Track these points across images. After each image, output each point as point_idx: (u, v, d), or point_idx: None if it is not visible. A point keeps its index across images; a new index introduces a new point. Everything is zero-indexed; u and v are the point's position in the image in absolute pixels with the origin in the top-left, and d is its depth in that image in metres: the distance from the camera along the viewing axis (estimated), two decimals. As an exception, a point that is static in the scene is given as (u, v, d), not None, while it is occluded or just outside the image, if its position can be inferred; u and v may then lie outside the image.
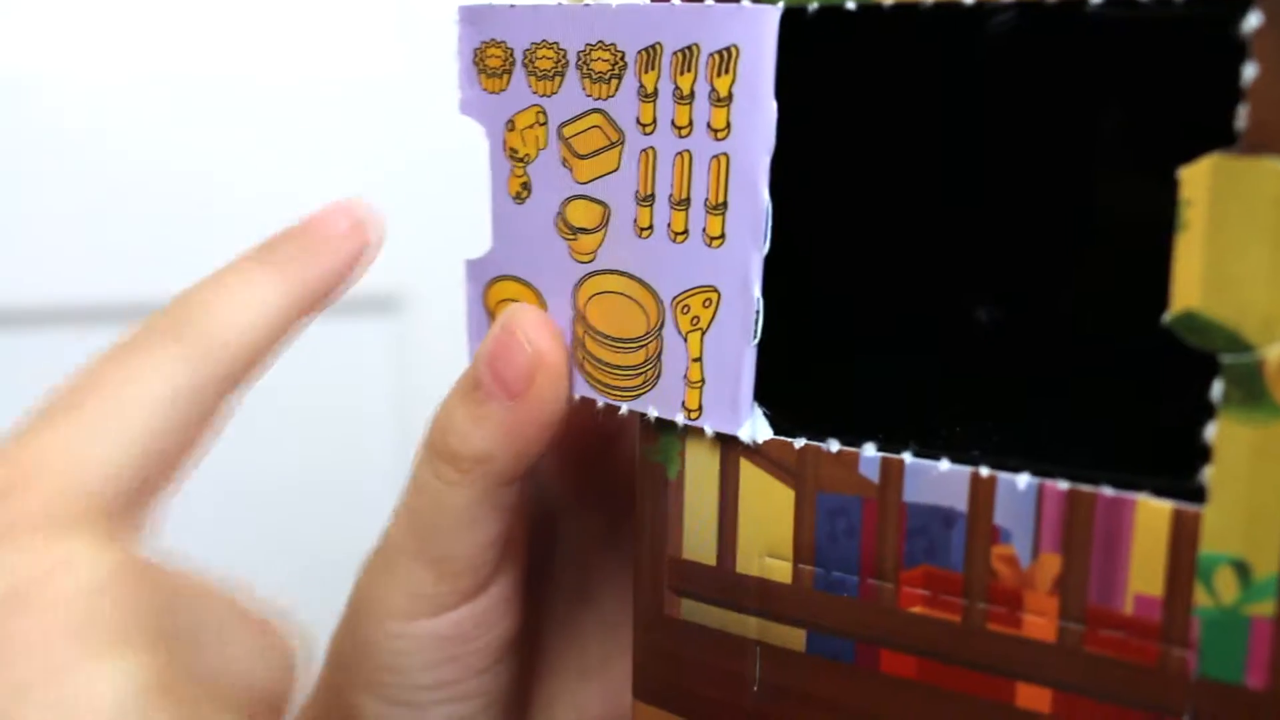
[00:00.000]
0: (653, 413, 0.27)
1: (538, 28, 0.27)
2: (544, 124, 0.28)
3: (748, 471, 0.26)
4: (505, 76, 0.28)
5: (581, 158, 0.27)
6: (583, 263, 0.28)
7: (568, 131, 0.27)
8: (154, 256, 0.70)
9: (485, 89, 0.28)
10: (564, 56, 0.27)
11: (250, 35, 0.70)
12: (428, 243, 0.60)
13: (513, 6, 0.28)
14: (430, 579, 0.29)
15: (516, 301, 0.29)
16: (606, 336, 0.27)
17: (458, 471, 0.28)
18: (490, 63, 0.28)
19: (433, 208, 0.65)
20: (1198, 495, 0.21)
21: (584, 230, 0.27)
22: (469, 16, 0.28)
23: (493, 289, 0.30)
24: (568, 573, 0.34)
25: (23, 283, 0.69)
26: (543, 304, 0.29)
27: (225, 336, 0.27)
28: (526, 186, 0.28)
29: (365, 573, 0.31)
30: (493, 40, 0.28)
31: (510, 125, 0.28)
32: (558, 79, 0.27)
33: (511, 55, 0.28)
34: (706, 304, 0.26)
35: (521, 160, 0.28)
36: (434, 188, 0.67)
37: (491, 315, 0.30)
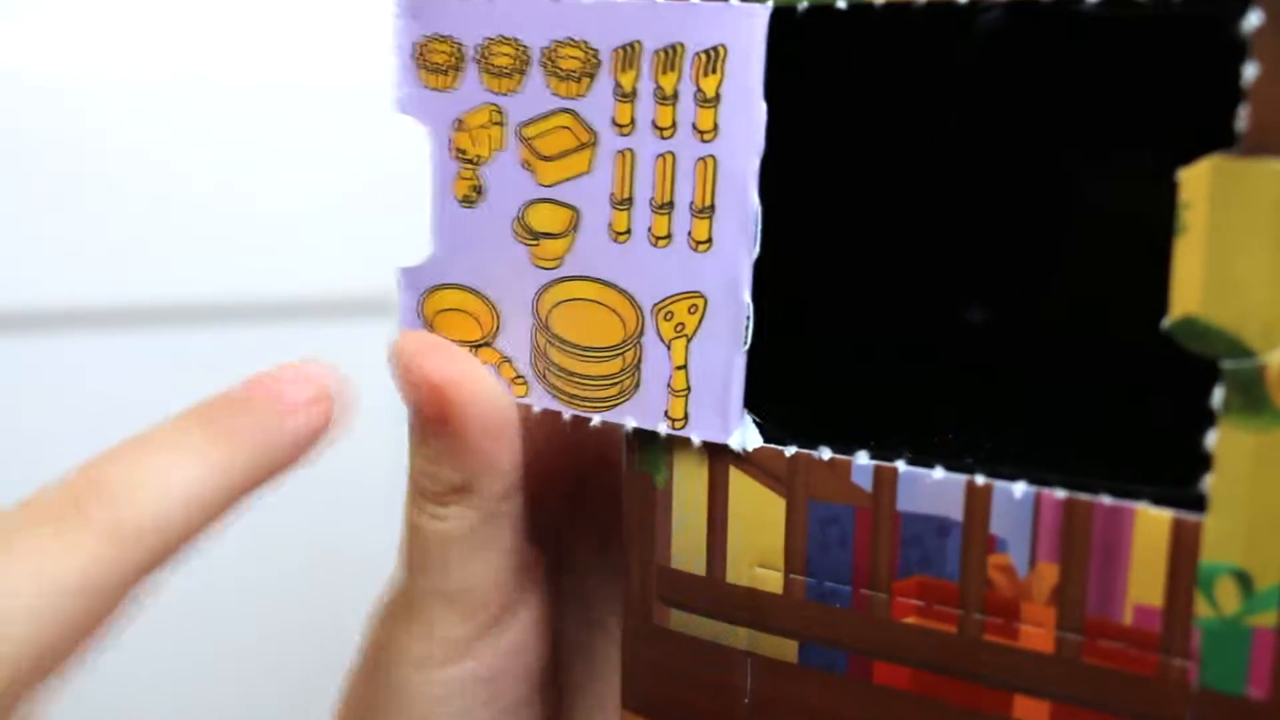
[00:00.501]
0: (630, 423, 0.26)
1: (493, 22, 0.26)
2: (500, 123, 0.27)
3: (737, 480, 0.25)
4: (453, 73, 0.27)
5: (546, 159, 0.26)
6: (546, 269, 0.27)
7: (529, 132, 0.26)
8: (149, 258, 0.69)
9: (427, 85, 0.27)
10: (525, 53, 0.26)
11: (250, 34, 0.70)
12: (425, 245, 0.59)
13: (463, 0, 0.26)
14: (455, 618, 0.28)
15: (459, 311, 0.28)
16: (574, 346, 0.27)
17: (443, 505, 0.27)
18: (434, 58, 0.27)
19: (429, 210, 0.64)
20: (1198, 504, 0.21)
21: (548, 235, 0.26)
22: (410, 9, 0.27)
23: (432, 298, 0.28)
24: (575, 596, 0.33)
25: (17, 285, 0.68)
26: (494, 313, 0.27)
27: (145, 522, 0.23)
28: (477, 189, 0.27)
29: (382, 622, 0.29)
30: (437, 35, 0.27)
31: (459, 125, 0.27)
32: (518, 76, 0.26)
33: (460, 51, 0.27)
34: (692, 310, 0.25)
35: (472, 162, 0.27)
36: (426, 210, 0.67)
37: (429, 326, 0.28)
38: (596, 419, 0.26)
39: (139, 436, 0.25)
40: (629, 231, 0.25)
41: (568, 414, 0.27)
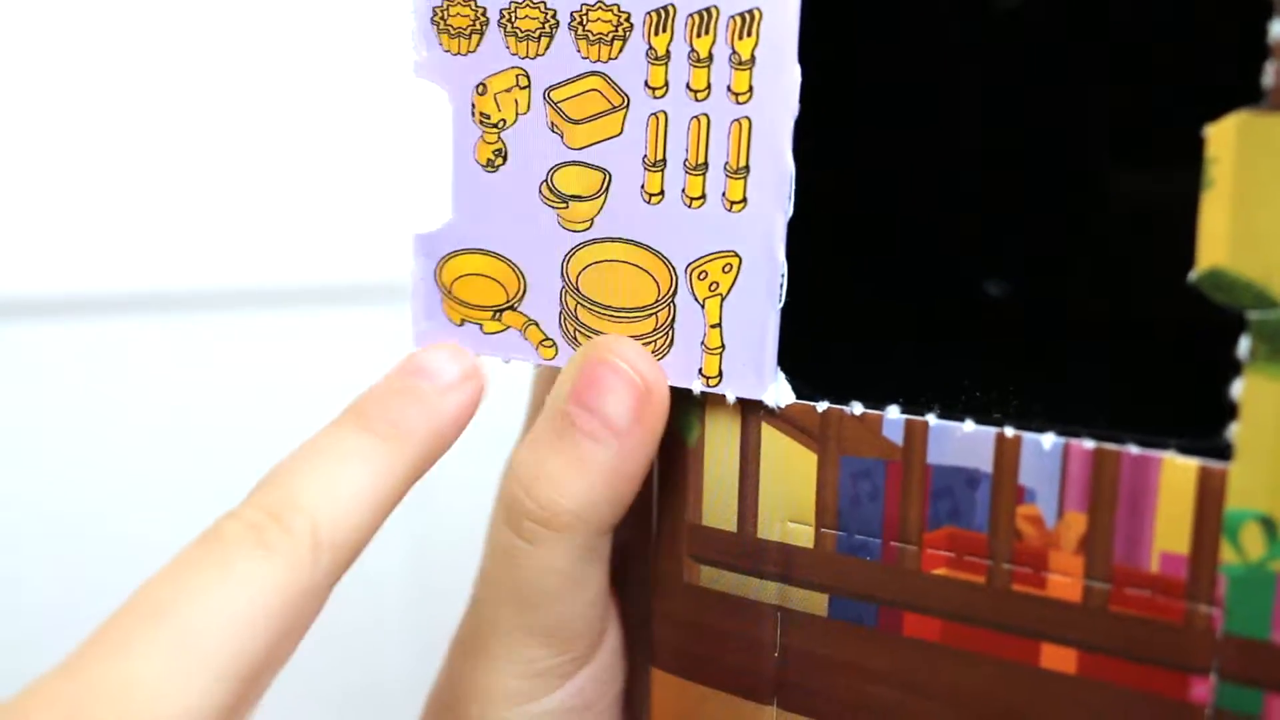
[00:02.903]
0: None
1: None
2: (525, 87, 0.27)
3: (769, 436, 0.26)
4: (475, 37, 0.27)
5: (576, 123, 0.26)
6: (575, 231, 0.27)
7: (558, 95, 0.27)
8: (151, 244, 0.69)
9: (448, 50, 0.27)
10: (553, 17, 0.26)
11: (261, 18, 0.70)
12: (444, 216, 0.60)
13: None
14: (545, 653, 0.27)
15: (482, 276, 0.28)
16: (606, 307, 0.27)
17: (552, 530, 0.26)
18: (455, 22, 0.27)
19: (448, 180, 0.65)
20: (1224, 452, 0.21)
21: (577, 198, 0.27)
22: None
23: (450, 264, 0.28)
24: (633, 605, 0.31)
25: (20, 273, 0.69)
26: (519, 277, 0.28)
27: (339, 535, 0.24)
28: (500, 153, 0.27)
29: (462, 659, 0.28)
30: None
31: (481, 89, 0.27)
32: (545, 40, 0.26)
33: (484, 14, 0.27)
34: (726, 269, 0.26)
35: (495, 126, 0.27)
36: (442, 176, 0.67)
37: (447, 293, 0.28)
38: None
39: (313, 445, 0.25)
40: (662, 193, 0.26)
41: None
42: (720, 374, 0.26)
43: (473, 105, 0.27)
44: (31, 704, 0.20)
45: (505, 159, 0.27)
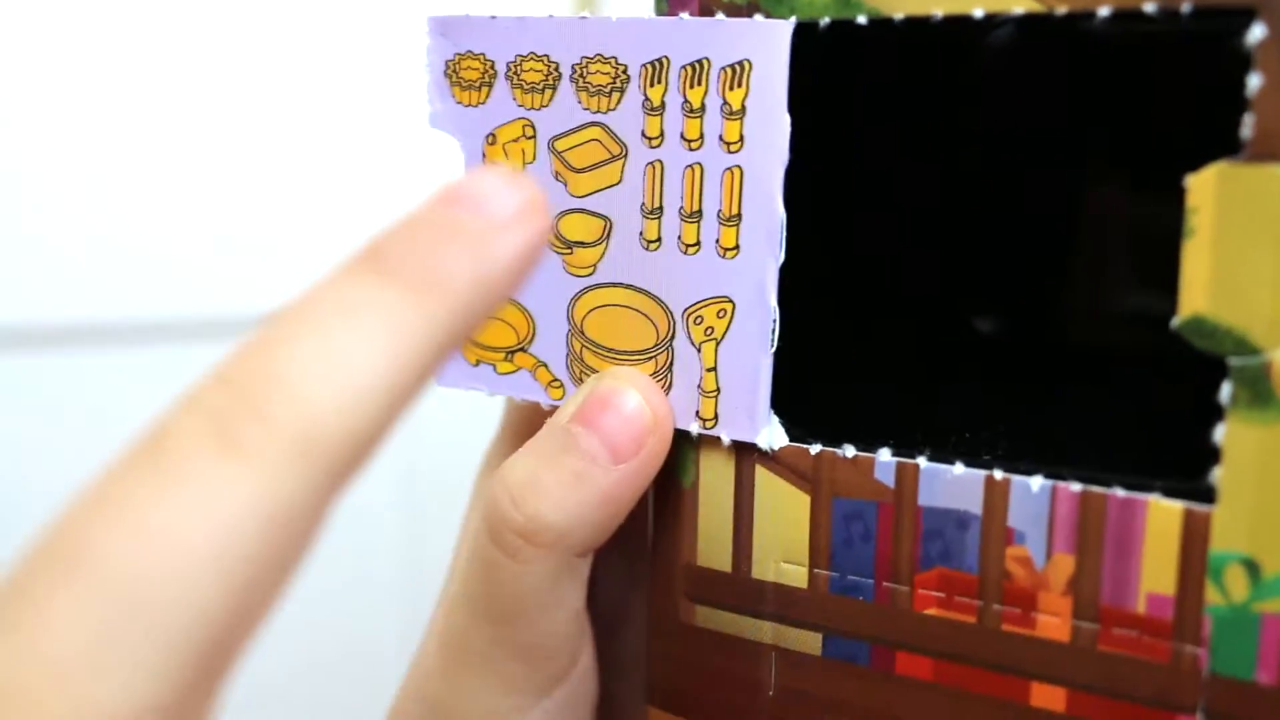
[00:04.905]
0: None
1: (524, 40, 0.27)
2: (532, 137, 0.28)
3: (763, 478, 0.26)
4: (485, 89, 0.28)
5: (578, 171, 0.27)
6: (579, 276, 0.28)
7: (561, 145, 0.27)
8: (147, 273, 0.70)
9: (460, 102, 0.28)
10: (555, 69, 0.27)
11: (269, 31, 0.71)
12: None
13: (493, 18, 0.27)
14: (523, 670, 0.26)
15: (495, 319, 0.28)
16: (609, 349, 0.28)
17: (534, 546, 0.25)
18: (466, 75, 0.28)
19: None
20: (1207, 495, 0.22)
21: (581, 244, 0.27)
22: (440, 28, 0.28)
23: None
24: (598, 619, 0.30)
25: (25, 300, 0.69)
26: (529, 320, 0.28)
27: (335, 427, 0.17)
28: None
29: (439, 675, 0.28)
30: (469, 52, 0.28)
31: (491, 139, 0.28)
32: (549, 92, 0.27)
33: (492, 67, 0.28)
34: (721, 314, 0.26)
35: None
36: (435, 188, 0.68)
37: None
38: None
39: (309, 303, 0.18)
40: (659, 239, 0.26)
41: None
42: (716, 416, 0.26)
43: (483, 154, 0.28)
44: None
45: None
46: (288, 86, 0.72)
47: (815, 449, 0.26)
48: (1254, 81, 0.21)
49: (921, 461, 0.24)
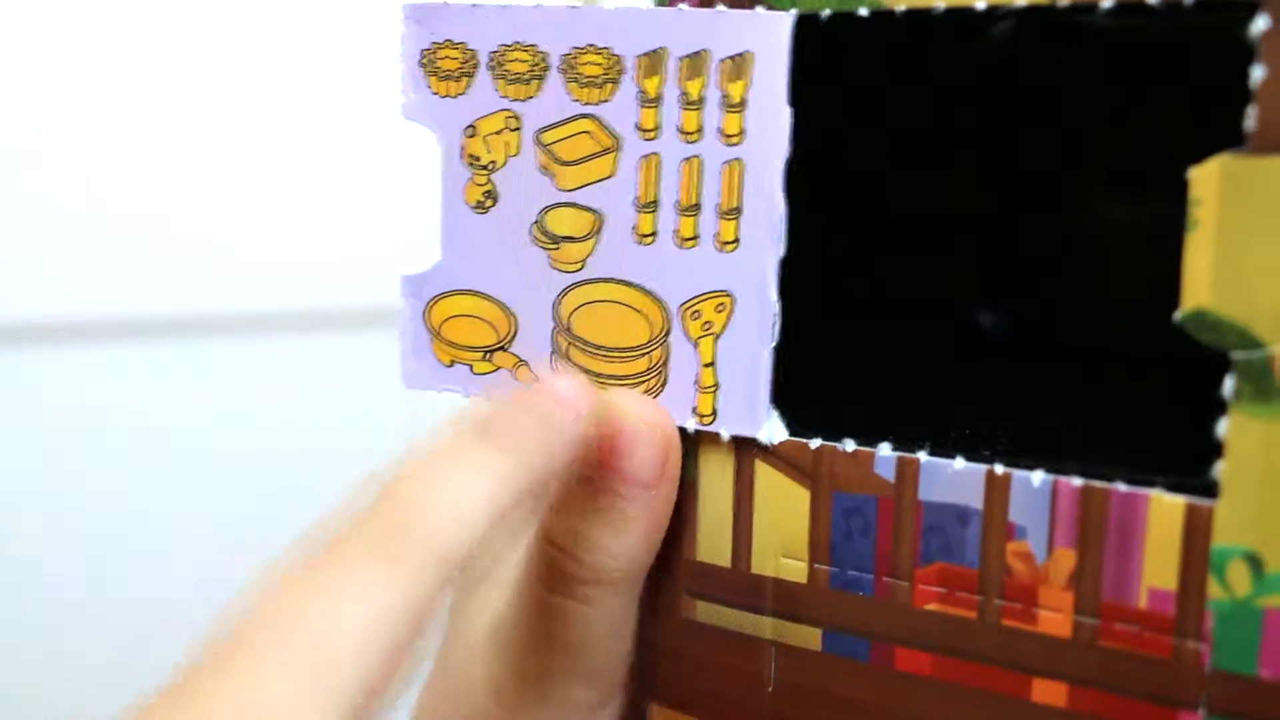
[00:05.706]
0: None
1: (509, 29, 0.26)
2: (516, 129, 0.27)
3: (763, 473, 0.26)
4: (464, 80, 0.27)
5: (566, 164, 0.27)
6: (566, 272, 0.27)
7: (549, 138, 0.27)
8: (150, 270, 0.70)
9: (436, 92, 0.27)
10: (544, 60, 0.26)
11: (268, 34, 0.71)
12: (433, 256, 0.60)
13: (475, 6, 0.27)
14: (588, 693, 0.28)
15: (472, 317, 0.28)
16: (598, 347, 0.27)
17: (605, 586, 0.27)
18: (444, 64, 0.27)
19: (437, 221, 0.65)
20: (1210, 490, 0.22)
21: (569, 239, 0.27)
22: (416, 15, 0.27)
23: (439, 305, 0.28)
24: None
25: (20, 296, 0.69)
26: (510, 318, 0.28)
27: (455, 546, 0.23)
28: (490, 195, 0.27)
29: (493, 702, 0.29)
30: (448, 41, 0.27)
31: (471, 131, 0.27)
32: (535, 83, 0.26)
33: (473, 57, 0.27)
34: (720, 309, 0.26)
35: (485, 168, 0.27)
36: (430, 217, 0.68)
37: (436, 334, 0.28)
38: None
39: (434, 454, 0.24)
40: (654, 234, 0.26)
41: None
42: (714, 412, 0.26)
43: (462, 147, 0.28)
44: None
45: (495, 200, 0.28)
46: (286, 86, 0.71)
47: (815, 444, 0.26)
48: (1257, 73, 0.20)
49: (922, 456, 0.24)
